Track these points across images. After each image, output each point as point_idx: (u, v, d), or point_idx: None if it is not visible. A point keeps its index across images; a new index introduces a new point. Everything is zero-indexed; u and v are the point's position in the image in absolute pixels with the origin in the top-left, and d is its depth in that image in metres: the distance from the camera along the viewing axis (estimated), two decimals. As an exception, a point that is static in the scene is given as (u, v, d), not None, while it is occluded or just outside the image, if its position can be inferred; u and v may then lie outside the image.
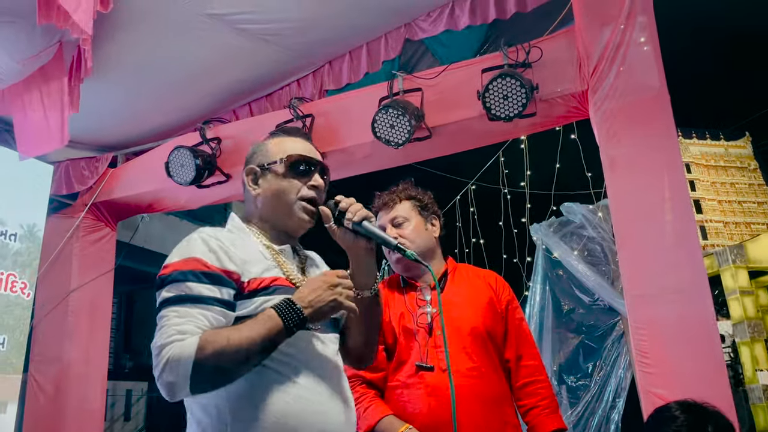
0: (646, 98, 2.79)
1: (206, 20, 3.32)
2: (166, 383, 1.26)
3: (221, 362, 1.27)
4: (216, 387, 1.32)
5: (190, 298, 1.32)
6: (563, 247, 4.21)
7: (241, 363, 1.30)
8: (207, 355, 1.26)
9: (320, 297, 1.37)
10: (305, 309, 1.35)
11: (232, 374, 1.31)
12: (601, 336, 4.25)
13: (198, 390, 1.29)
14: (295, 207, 1.54)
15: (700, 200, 22.76)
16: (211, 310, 1.33)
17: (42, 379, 4.12)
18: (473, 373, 2.09)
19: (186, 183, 3.75)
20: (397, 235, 2.22)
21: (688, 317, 2.55)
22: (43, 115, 3.18)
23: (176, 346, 1.26)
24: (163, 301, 1.34)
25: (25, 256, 4.02)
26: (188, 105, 4.15)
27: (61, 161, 4.41)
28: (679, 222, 2.64)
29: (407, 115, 3.17)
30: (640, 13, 2.86)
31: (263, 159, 1.60)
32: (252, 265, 1.43)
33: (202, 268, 1.36)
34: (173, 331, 1.28)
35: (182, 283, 1.34)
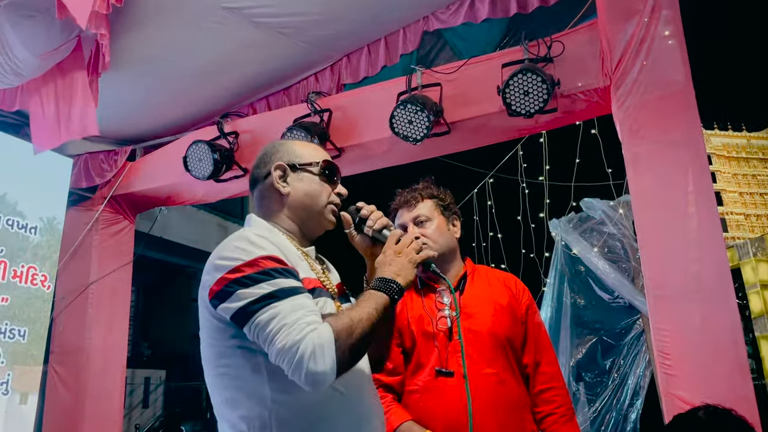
0: (670, 93, 2.73)
1: (223, 13, 3.30)
2: (315, 374, 1.22)
3: (354, 342, 1.28)
4: (352, 366, 1.33)
5: (289, 291, 1.30)
6: (583, 244, 4.15)
7: (369, 337, 1.32)
8: (343, 336, 1.26)
9: (401, 264, 1.44)
10: (397, 277, 1.42)
11: (365, 350, 1.37)
12: (620, 333, 4.20)
13: (343, 371, 1.28)
14: (326, 210, 1.57)
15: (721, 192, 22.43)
16: (308, 297, 1.34)
17: (62, 371, 4.17)
18: (492, 379, 2.06)
19: (204, 177, 3.75)
20: (420, 234, 2.18)
21: (711, 318, 2.50)
22: (59, 108, 3.19)
23: (313, 337, 1.23)
24: (258, 299, 1.27)
25: (45, 249, 4.05)
26: (206, 98, 4.15)
27: (80, 154, 4.44)
28: (703, 221, 2.59)
29: (426, 111, 3.13)
30: (666, 6, 2.79)
31: (293, 158, 1.59)
32: (296, 265, 1.43)
33: (280, 264, 1.35)
34: (303, 324, 1.24)
35: (270, 280, 1.30)
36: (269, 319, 1.25)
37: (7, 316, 3.72)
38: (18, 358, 3.77)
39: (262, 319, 1.25)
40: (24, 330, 3.82)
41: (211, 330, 1.38)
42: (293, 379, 1.24)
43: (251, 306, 1.27)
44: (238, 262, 1.31)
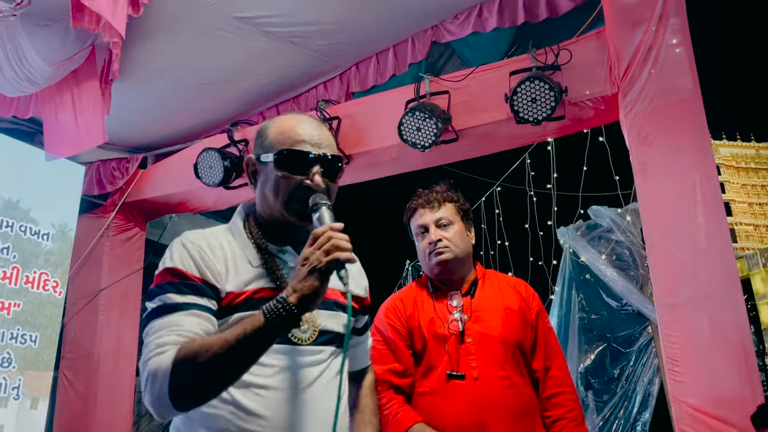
0: (678, 101, 2.74)
1: (234, 23, 3.35)
2: (150, 402, 1.17)
3: (197, 371, 1.14)
4: (199, 401, 1.20)
5: (170, 307, 1.23)
6: (591, 251, 4.16)
7: (219, 370, 1.16)
8: (182, 365, 1.15)
9: (300, 276, 1.19)
10: (291, 295, 1.17)
11: (212, 384, 1.18)
12: (628, 341, 4.19)
13: (181, 406, 1.17)
14: (285, 207, 1.37)
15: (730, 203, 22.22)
16: (193, 314, 1.23)
17: (72, 376, 4.20)
18: (504, 383, 2.07)
19: (214, 184, 3.79)
20: (441, 237, 2.20)
21: (720, 325, 2.50)
22: (74, 116, 3.24)
23: (154, 361, 1.17)
24: (147, 315, 1.26)
25: (57, 255, 4.10)
26: (216, 107, 4.19)
27: (92, 162, 4.49)
28: (712, 228, 2.59)
29: (434, 118, 3.16)
30: (673, 14, 2.80)
31: (260, 149, 1.43)
32: (233, 275, 1.32)
33: (178, 278, 1.27)
34: (153, 346, 1.19)
35: (163, 294, 1.25)
36: (146, 335, 1.24)
37: (19, 321, 3.76)
38: (29, 363, 3.81)
39: (144, 334, 1.25)
40: (35, 335, 3.86)
41: None
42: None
43: (144, 319, 1.28)
44: (156, 272, 1.33)
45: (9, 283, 3.73)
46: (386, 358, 2.16)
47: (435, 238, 2.20)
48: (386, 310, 2.26)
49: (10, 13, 2.79)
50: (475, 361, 2.08)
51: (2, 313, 3.67)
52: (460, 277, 2.24)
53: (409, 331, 2.18)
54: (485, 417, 2.01)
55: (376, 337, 2.21)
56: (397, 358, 2.16)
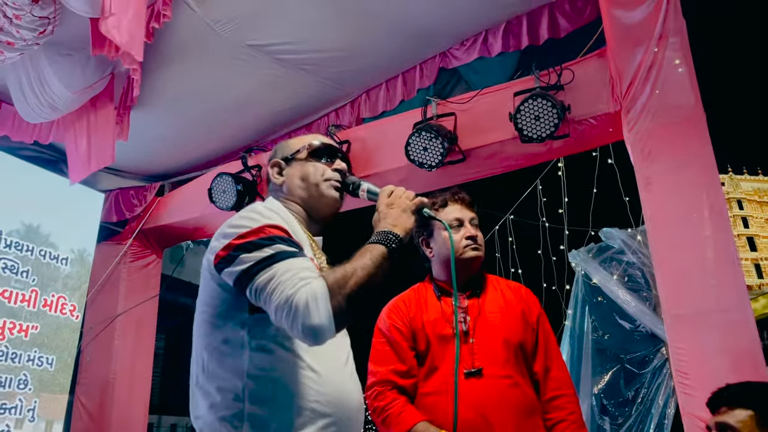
0: (680, 118, 2.78)
1: (247, 51, 3.48)
2: (311, 327, 1.23)
3: (350, 290, 1.27)
4: (354, 319, 1.32)
5: (288, 254, 1.32)
6: (602, 273, 4.14)
7: (367, 288, 1.30)
8: (338, 288, 1.26)
9: (395, 215, 1.45)
10: (394, 228, 1.41)
11: (362, 301, 1.31)
12: (642, 362, 4.13)
13: (341, 325, 1.28)
14: (323, 186, 1.59)
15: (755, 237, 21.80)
16: (309, 261, 1.36)
17: (87, 401, 4.25)
18: (508, 382, 2.08)
19: (227, 208, 3.87)
20: (474, 234, 2.26)
21: (730, 338, 2.47)
22: (87, 140, 3.38)
23: (306, 290, 1.25)
24: (258, 261, 1.31)
25: (75, 280, 4.19)
26: (231, 135, 4.32)
27: (111, 190, 4.63)
28: (719, 240, 2.59)
29: (440, 138, 3.23)
30: (673, 34, 2.86)
31: (285, 152, 1.66)
32: (303, 243, 1.45)
33: (284, 233, 1.38)
34: (296, 280, 1.27)
35: (272, 245, 1.33)
36: (267, 280, 1.28)
37: (36, 343, 3.83)
38: (45, 386, 3.86)
39: (261, 280, 1.29)
40: (52, 358, 3.92)
41: (208, 298, 1.42)
42: (293, 334, 1.27)
43: (252, 269, 1.30)
44: (245, 230, 1.36)
45: (27, 306, 3.82)
46: (389, 359, 2.17)
47: (475, 233, 2.27)
48: (389, 311, 2.28)
49: (33, 42, 2.94)
50: (479, 361, 2.09)
51: (20, 335, 3.75)
52: (465, 279, 2.27)
53: (413, 332, 2.20)
54: (490, 416, 2.01)
55: (379, 338, 2.23)
56: (401, 359, 2.17)
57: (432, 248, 2.31)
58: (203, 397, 1.37)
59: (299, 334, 1.25)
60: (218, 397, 1.34)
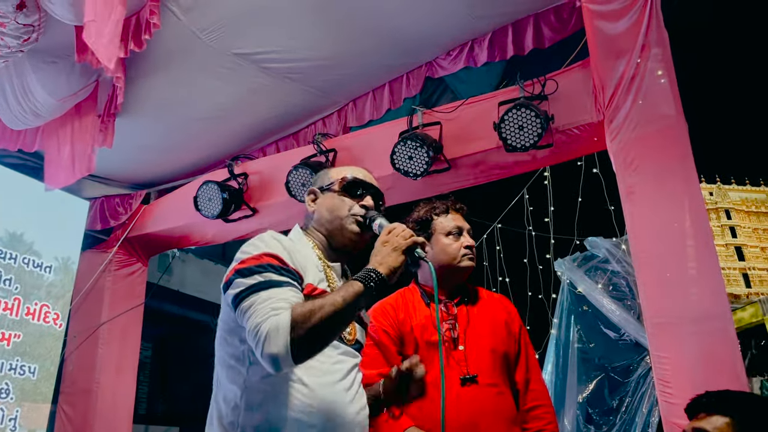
0: (662, 128, 2.81)
1: (233, 59, 3.48)
2: (270, 356, 1.33)
3: (314, 325, 1.35)
4: (315, 352, 1.40)
5: (273, 283, 1.43)
6: (588, 282, 4.16)
7: (332, 323, 1.38)
8: (300, 321, 1.35)
9: (385, 253, 1.50)
10: (379, 266, 1.47)
11: (326, 336, 1.41)
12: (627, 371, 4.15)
13: (301, 356, 1.36)
14: (346, 220, 1.67)
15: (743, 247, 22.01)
16: (293, 291, 1.44)
17: (70, 410, 4.20)
18: (494, 390, 2.14)
19: (213, 216, 3.86)
20: (472, 244, 2.34)
21: (711, 346, 2.49)
22: (70, 148, 3.37)
23: (272, 320, 1.35)
24: (246, 287, 1.43)
25: (59, 288, 4.16)
26: (217, 143, 4.31)
27: (96, 198, 4.60)
28: (700, 249, 2.61)
29: (425, 147, 3.24)
30: (654, 45, 2.90)
31: (322, 182, 1.78)
32: (309, 272, 1.56)
33: (278, 262, 1.48)
34: (268, 309, 1.37)
35: (265, 272, 1.44)
36: (248, 306, 1.40)
37: (18, 352, 3.79)
38: (27, 395, 3.82)
39: (245, 305, 1.41)
40: (34, 367, 3.88)
41: (224, 314, 1.55)
42: (258, 358, 1.37)
43: (241, 293, 1.43)
44: (247, 256, 1.49)
45: (10, 314, 3.78)
46: (377, 363, 2.18)
47: (473, 244, 2.36)
48: (376, 313, 2.29)
49: (17, 50, 2.94)
50: (467, 368, 2.11)
51: (2, 344, 3.71)
52: (454, 287, 2.30)
53: (401, 336, 2.22)
54: (481, 423, 2.04)
55: (367, 341, 2.23)
56: (389, 363, 2.18)
57: (427, 253, 2.34)
58: (215, 406, 1.51)
59: (260, 359, 1.36)
60: (223, 406, 1.48)
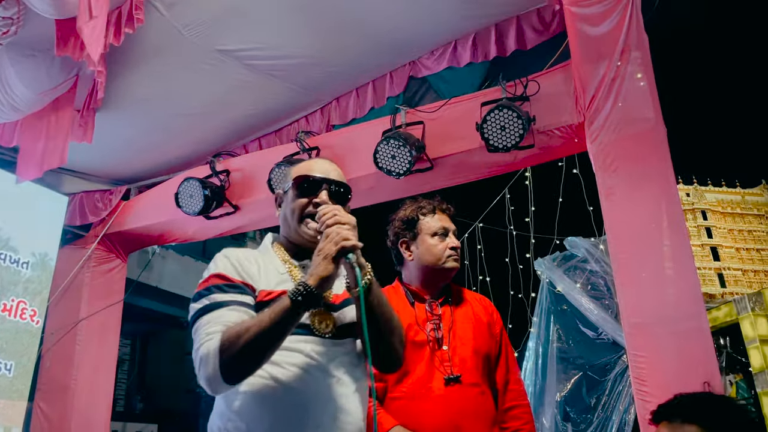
0: (641, 130, 2.85)
1: (217, 55, 3.47)
2: (204, 379, 1.39)
3: (241, 348, 1.37)
4: (246, 373, 1.42)
5: (215, 305, 1.47)
6: (566, 281, 4.21)
7: (259, 344, 1.39)
8: (227, 345, 1.38)
9: (316, 262, 1.47)
10: (309, 278, 1.44)
11: (254, 357, 1.41)
12: (604, 369, 4.21)
13: (232, 379, 1.40)
14: (302, 225, 1.64)
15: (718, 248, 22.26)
16: (235, 309, 1.47)
17: (47, 407, 4.15)
18: (476, 390, 2.16)
19: (194, 213, 3.84)
20: (458, 245, 2.36)
21: (686, 345, 2.54)
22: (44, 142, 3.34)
23: (204, 347, 1.40)
24: (193, 314, 1.49)
25: (36, 284, 4.10)
26: (200, 139, 4.28)
27: (75, 193, 4.54)
28: (677, 250, 2.66)
29: (408, 146, 3.25)
30: (635, 48, 2.93)
31: (286, 184, 1.74)
32: (264, 278, 1.57)
33: (223, 281, 1.51)
34: (203, 335, 1.42)
35: (209, 295, 1.49)
36: (195, 330, 1.47)
37: (-6, 349, 3.74)
38: (3, 392, 3.77)
39: (193, 329, 1.48)
40: (10, 364, 3.83)
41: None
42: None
43: (192, 318, 1.50)
44: (200, 280, 1.56)
45: (-14, 311, 3.73)
46: None
47: (458, 245, 2.37)
48: None
49: (-4, 42, 2.90)
50: (451, 368, 2.13)
51: (-23, 341, 3.66)
52: (440, 288, 2.32)
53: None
54: (461, 422, 2.07)
55: None
56: None
57: (412, 252, 2.35)
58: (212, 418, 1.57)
59: (200, 382, 1.42)
60: (215, 415, 1.55)
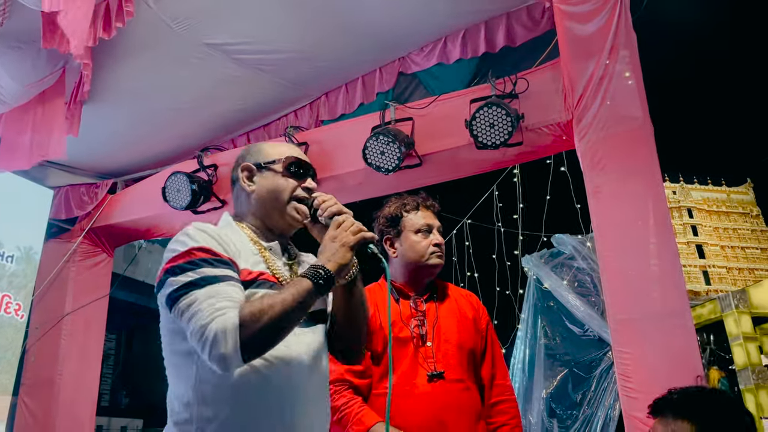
0: (629, 129, 2.86)
1: (205, 49, 3.44)
2: (218, 356, 1.29)
3: (263, 327, 1.32)
4: (265, 350, 1.37)
5: (210, 279, 1.37)
6: (553, 278, 4.24)
7: (282, 323, 1.36)
8: (250, 322, 1.31)
9: (333, 249, 1.46)
10: (327, 263, 1.43)
11: (276, 335, 1.37)
12: (590, 366, 4.24)
13: (250, 356, 1.33)
14: (289, 206, 1.60)
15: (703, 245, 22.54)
16: (233, 285, 1.39)
17: (31, 402, 4.12)
18: (460, 386, 2.17)
19: (181, 207, 3.82)
20: (441, 242, 2.34)
21: (671, 341, 2.56)
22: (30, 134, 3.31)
23: (219, 321, 1.30)
24: (181, 286, 1.36)
25: (21, 278, 4.07)
26: (188, 133, 4.26)
27: (61, 186, 4.50)
28: (662, 247, 2.68)
29: (397, 142, 3.25)
30: (623, 47, 2.95)
31: (259, 158, 1.66)
32: (242, 257, 1.49)
33: (210, 255, 1.41)
34: (212, 310, 1.31)
35: (198, 268, 1.37)
36: (188, 305, 1.34)
37: (-23, 343, 3.71)
38: (-14, 387, 3.74)
39: (183, 305, 1.35)
40: (-6, 358, 3.80)
41: (163, 317, 1.48)
42: (204, 359, 1.32)
43: (175, 293, 1.36)
44: (175, 254, 1.41)
45: (-31, 305, 3.69)
46: None
47: (442, 242, 2.35)
48: None
49: (-19, 33, 2.86)
50: (434, 365, 2.14)
51: (-40, 335, 3.62)
52: (424, 284, 2.32)
53: (370, 333, 2.22)
54: (445, 418, 2.07)
55: None
56: None
57: (396, 249, 2.35)
58: (169, 405, 1.46)
59: (208, 360, 1.31)
60: (176, 404, 1.43)
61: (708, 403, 1.76)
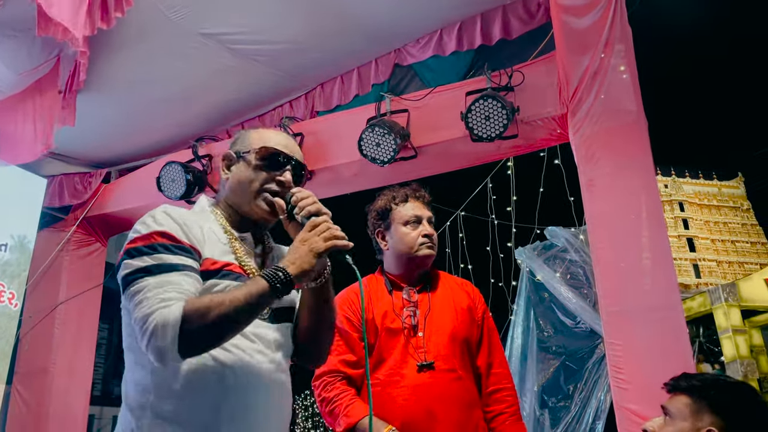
0: (623, 123, 2.88)
1: (200, 39, 3.43)
2: (155, 348, 1.25)
3: (207, 324, 1.27)
4: (206, 349, 1.33)
5: (165, 267, 1.32)
6: (546, 270, 4.27)
7: (228, 324, 1.31)
8: (193, 318, 1.26)
9: (300, 252, 1.38)
10: (290, 266, 1.36)
11: (220, 336, 1.32)
12: (582, 358, 4.28)
13: (188, 353, 1.29)
14: (257, 199, 1.54)
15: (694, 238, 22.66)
16: (188, 275, 1.35)
17: (25, 391, 4.12)
18: (452, 375, 2.17)
19: (176, 197, 3.82)
20: (431, 233, 2.34)
21: (662, 334, 2.59)
22: (32, 126, 3.29)
23: (161, 313, 1.26)
24: (135, 270, 1.32)
25: (15, 267, 4.06)
26: (182, 123, 4.25)
27: (55, 175, 4.49)
28: (655, 240, 2.71)
29: (393, 134, 3.26)
30: (618, 41, 2.96)
31: (241, 147, 1.61)
32: (207, 246, 1.44)
33: (169, 240, 1.36)
34: (157, 300, 1.28)
35: (155, 254, 1.33)
36: (136, 291, 1.31)
37: (-29, 332, 3.71)
38: (-20, 376, 3.74)
39: (133, 290, 1.32)
40: (-12, 347, 3.80)
41: (123, 299, 1.42)
42: (142, 349, 1.29)
43: (129, 276, 1.33)
44: (137, 234, 1.37)
45: (-38, 293, 3.69)
46: (340, 349, 2.21)
47: (431, 232, 2.34)
48: (340, 302, 2.30)
49: (-25, 21, 2.84)
50: (425, 355, 2.15)
51: (-46, 323, 3.62)
52: (417, 275, 2.33)
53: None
54: (434, 408, 2.08)
55: None
56: (351, 349, 2.22)
57: (387, 242, 2.36)
58: (124, 389, 1.42)
59: (145, 350, 1.28)
60: (132, 388, 1.39)
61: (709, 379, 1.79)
